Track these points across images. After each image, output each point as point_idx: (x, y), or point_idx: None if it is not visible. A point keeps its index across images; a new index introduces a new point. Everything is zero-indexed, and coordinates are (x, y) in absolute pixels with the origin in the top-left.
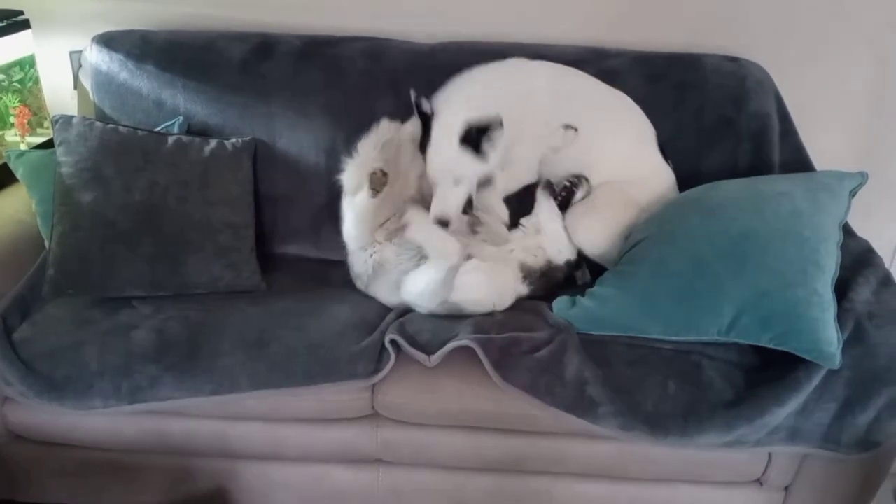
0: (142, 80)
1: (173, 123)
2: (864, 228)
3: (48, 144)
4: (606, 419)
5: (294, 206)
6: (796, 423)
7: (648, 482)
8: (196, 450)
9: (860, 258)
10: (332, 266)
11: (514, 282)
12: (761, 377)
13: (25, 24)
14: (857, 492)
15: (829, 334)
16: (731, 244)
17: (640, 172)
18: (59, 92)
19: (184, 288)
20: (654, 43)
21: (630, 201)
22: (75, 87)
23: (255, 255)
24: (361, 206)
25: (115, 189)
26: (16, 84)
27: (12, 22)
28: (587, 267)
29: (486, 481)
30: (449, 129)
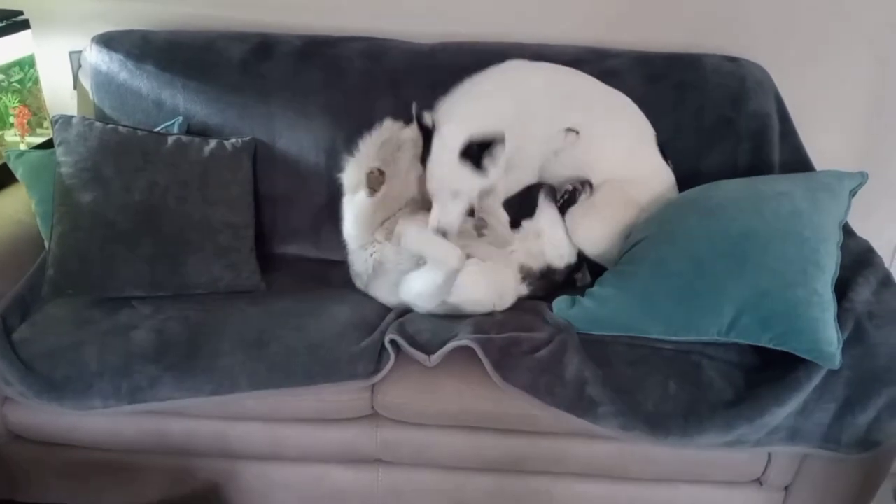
0: (141, 80)
1: (173, 123)
2: (864, 228)
3: (48, 144)
4: (606, 419)
5: (294, 206)
6: (796, 423)
7: (649, 482)
8: (196, 450)
9: (860, 258)
10: (332, 266)
11: (514, 282)
12: (761, 377)
13: (25, 25)
14: (857, 492)
15: (828, 334)
16: (730, 244)
17: (640, 172)
18: (59, 92)
19: (183, 288)
20: (653, 43)
21: (630, 201)
22: (75, 87)
23: (254, 256)
24: (360, 206)
25: (114, 189)
26: (15, 84)
27: (12, 22)
28: (587, 269)
29: (486, 481)
30: (449, 144)
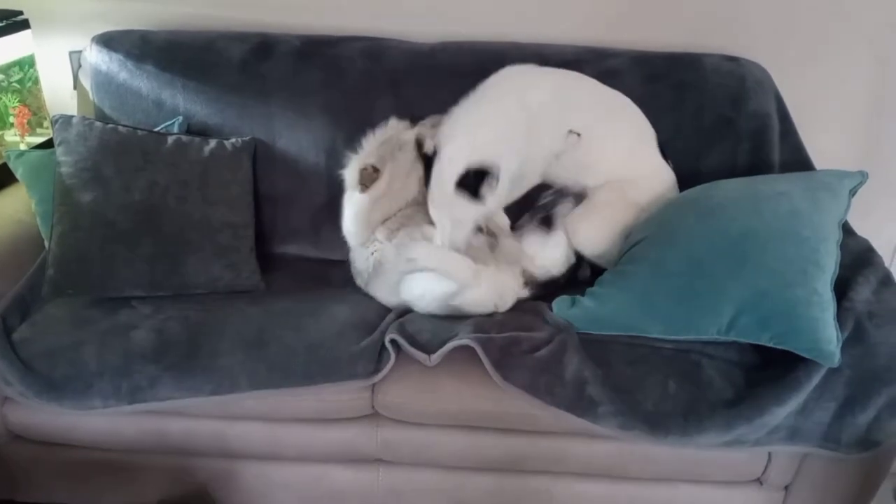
0: (141, 80)
1: (173, 123)
2: (864, 228)
3: (48, 144)
4: (606, 419)
5: (293, 206)
6: (796, 423)
7: (648, 482)
8: (195, 450)
9: (860, 257)
10: (332, 266)
11: (515, 283)
12: (761, 376)
13: (25, 24)
14: (857, 491)
15: (828, 333)
16: (730, 244)
17: (640, 172)
18: (59, 92)
19: (183, 288)
20: (653, 43)
21: (630, 201)
22: (75, 87)
23: (254, 255)
24: (358, 203)
25: (114, 189)
26: (15, 84)
27: (12, 22)
28: (587, 263)
29: (486, 481)
30: (447, 172)
